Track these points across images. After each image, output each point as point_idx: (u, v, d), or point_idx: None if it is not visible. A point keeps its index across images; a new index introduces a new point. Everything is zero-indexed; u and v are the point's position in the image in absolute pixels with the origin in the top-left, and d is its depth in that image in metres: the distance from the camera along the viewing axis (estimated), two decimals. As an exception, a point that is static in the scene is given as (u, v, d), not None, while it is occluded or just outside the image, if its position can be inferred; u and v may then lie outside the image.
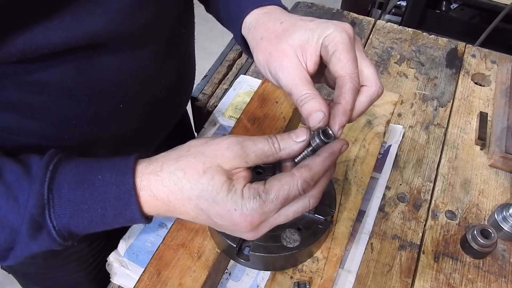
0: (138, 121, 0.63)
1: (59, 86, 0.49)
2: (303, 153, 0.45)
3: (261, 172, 0.62)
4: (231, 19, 0.58)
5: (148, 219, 0.45)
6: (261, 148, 0.42)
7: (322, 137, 0.44)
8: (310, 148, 0.45)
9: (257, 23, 0.53)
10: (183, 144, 0.45)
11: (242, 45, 0.58)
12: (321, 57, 0.48)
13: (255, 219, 0.41)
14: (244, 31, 0.55)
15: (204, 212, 0.42)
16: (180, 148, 0.44)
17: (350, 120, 0.46)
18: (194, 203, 0.42)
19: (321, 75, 0.52)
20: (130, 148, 0.46)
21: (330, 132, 0.44)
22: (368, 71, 0.47)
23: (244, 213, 0.41)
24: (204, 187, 0.41)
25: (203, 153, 0.42)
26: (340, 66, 0.45)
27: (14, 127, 0.52)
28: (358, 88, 0.45)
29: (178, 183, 0.41)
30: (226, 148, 0.42)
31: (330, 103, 0.46)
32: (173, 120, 0.76)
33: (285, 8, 0.56)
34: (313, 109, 0.44)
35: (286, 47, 0.48)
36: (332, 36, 0.46)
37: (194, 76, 0.77)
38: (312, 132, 0.45)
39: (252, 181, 0.44)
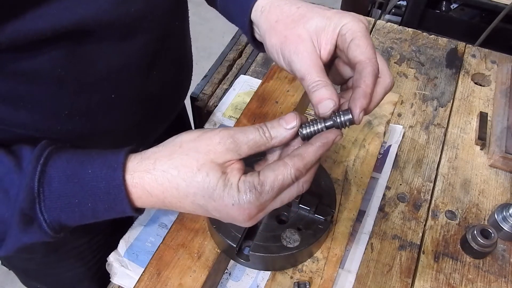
0: (132, 114, 0.63)
1: (49, 76, 0.49)
2: (317, 128, 0.45)
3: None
4: (239, 3, 0.57)
5: (139, 211, 0.45)
6: (252, 139, 0.42)
7: (348, 117, 0.43)
8: (329, 124, 0.44)
9: (271, 6, 0.52)
10: (174, 137, 0.45)
11: (248, 33, 0.57)
12: (334, 49, 0.48)
13: (252, 211, 0.42)
14: (255, 14, 0.54)
15: (201, 207, 0.43)
16: (171, 143, 0.44)
17: (368, 110, 0.45)
18: (190, 200, 0.42)
19: (328, 70, 0.52)
20: (125, 143, 0.46)
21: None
22: (381, 64, 0.47)
23: (241, 206, 0.41)
24: (200, 185, 0.41)
25: (196, 149, 0.42)
26: (360, 51, 0.45)
27: (6, 118, 0.52)
28: (377, 74, 0.45)
29: (173, 181, 0.42)
30: (218, 143, 0.42)
31: (348, 90, 0.46)
32: (169, 115, 0.75)
33: None
34: (324, 96, 0.44)
35: (303, 32, 0.48)
36: (350, 25, 0.47)
37: (192, 73, 0.77)
38: (335, 111, 0.44)
39: (246, 170, 0.44)
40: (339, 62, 0.51)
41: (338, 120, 0.44)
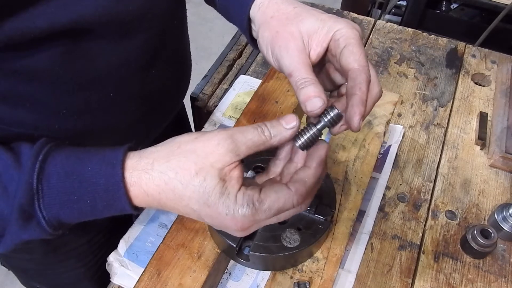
0: (131, 113, 0.63)
1: (48, 74, 0.49)
2: (310, 134, 0.45)
3: (260, 171, 0.62)
4: (238, 1, 0.58)
5: (138, 209, 0.45)
6: (251, 139, 0.42)
7: (335, 112, 0.44)
8: (320, 126, 0.45)
9: (269, 2, 0.53)
10: (173, 138, 0.45)
11: (247, 31, 0.57)
12: (324, 53, 0.48)
13: (245, 224, 0.42)
14: (253, 10, 0.54)
15: (194, 211, 0.43)
16: (170, 144, 0.44)
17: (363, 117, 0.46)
18: (185, 203, 0.42)
19: (317, 75, 0.52)
20: (124, 141, 0.46)
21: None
22: (371, 73, 0.47)
23: (235, 218, 0.41)
24: (196, 189, 0.41)
25: (194, 152, 0.42)
26: (353, 58, 0.45)
27: (5, 117, 0.53)
28: (369, 81, 0.46)
29: (169, 183, 0.41)
30: (217, 145, 0.42)
31: (340, 97, 0.47)
32: (169, 114, 0.75)
33: None
34: (312, 94, 0.44)
35: (295, 30, 0.49)
36: (344, 31, 0.47)
37: (190, 71, 0.77)
38: (319, 114, 0.45)
39: (245, 180, 0.44)
40: (330, 68, 0.51)
41: (326, 119, 0.45)
